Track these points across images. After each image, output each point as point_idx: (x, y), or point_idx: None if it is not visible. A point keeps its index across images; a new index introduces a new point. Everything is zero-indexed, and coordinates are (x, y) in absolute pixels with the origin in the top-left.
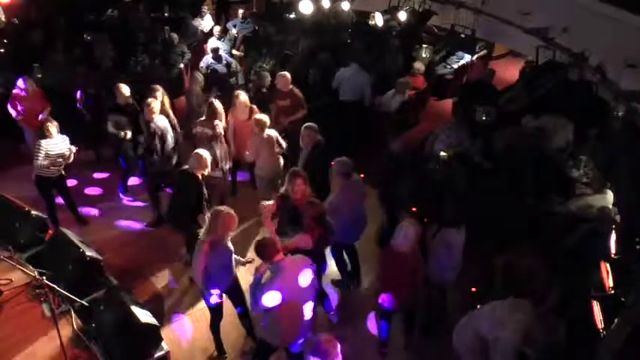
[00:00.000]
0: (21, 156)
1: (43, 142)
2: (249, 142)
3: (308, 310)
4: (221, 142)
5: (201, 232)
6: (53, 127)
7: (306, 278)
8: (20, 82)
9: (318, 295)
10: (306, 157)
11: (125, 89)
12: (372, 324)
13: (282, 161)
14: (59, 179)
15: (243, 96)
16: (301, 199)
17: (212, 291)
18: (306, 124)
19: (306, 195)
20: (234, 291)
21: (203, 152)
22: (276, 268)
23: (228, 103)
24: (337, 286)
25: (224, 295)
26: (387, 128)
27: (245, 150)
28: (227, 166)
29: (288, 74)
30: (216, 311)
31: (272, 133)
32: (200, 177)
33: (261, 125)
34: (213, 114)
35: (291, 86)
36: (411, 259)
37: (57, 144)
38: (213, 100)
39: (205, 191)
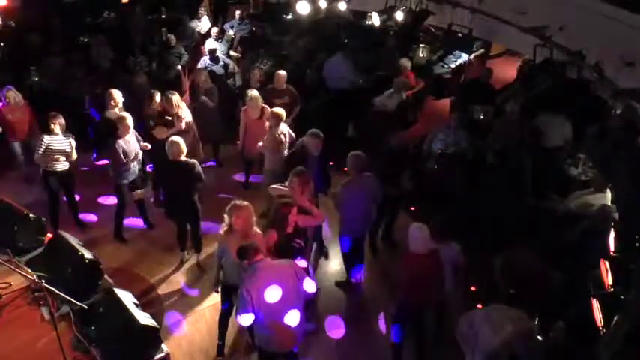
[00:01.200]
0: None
1: (47, 137)
2: (267, 136)
3: (293, 316)
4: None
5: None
6: (57, 125)
7: (280, 289)
8: (6, 93)
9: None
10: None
11: (117, 95)
12: (375, 326)
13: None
14: (67, 176)
15: (255, 94)
16: (302, 197)
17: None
18: (312, 131)
19: (306, 194)
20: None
21: (178, 139)
22: (252, 269)
23: (225, 103)
24: (340, 287)
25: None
26: (386, 127)
27: (255, 148)
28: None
29: (283, 72)
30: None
31: (284, 128)
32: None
33: (277, 119)
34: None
35: (285, 84)
36: (429, 260)
37: (59, 141)
38: (169, 93)
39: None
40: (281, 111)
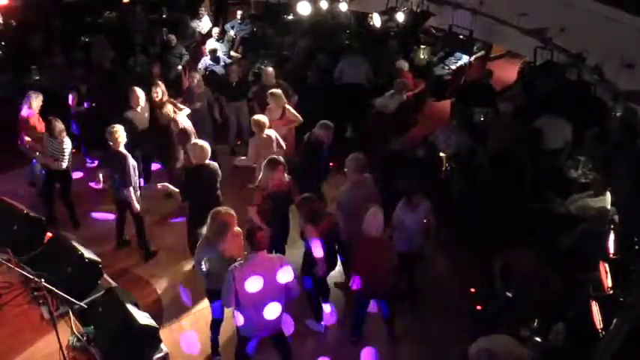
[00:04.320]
0: (16, 157)
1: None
2: (249, 145)
3: (273, 309)
4: None
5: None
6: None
7: (279, 276)
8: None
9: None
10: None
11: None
12: (376, 326)
13: None
14: (65, 176)
15: (278, 92)
16: (279, 185)
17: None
18: (322, 122)
19: (284, 182)
20: None
21: (203, 143)
22: (250, 257)
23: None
24: (338, 288)
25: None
26: (386, 128)
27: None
28: None
29: (270, 69)
30: (215, 311)
31: (271, 133)
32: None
33: (259, 126)
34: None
35: (275, 80)
36: (381, 243)
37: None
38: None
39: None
40: (263, 118)
